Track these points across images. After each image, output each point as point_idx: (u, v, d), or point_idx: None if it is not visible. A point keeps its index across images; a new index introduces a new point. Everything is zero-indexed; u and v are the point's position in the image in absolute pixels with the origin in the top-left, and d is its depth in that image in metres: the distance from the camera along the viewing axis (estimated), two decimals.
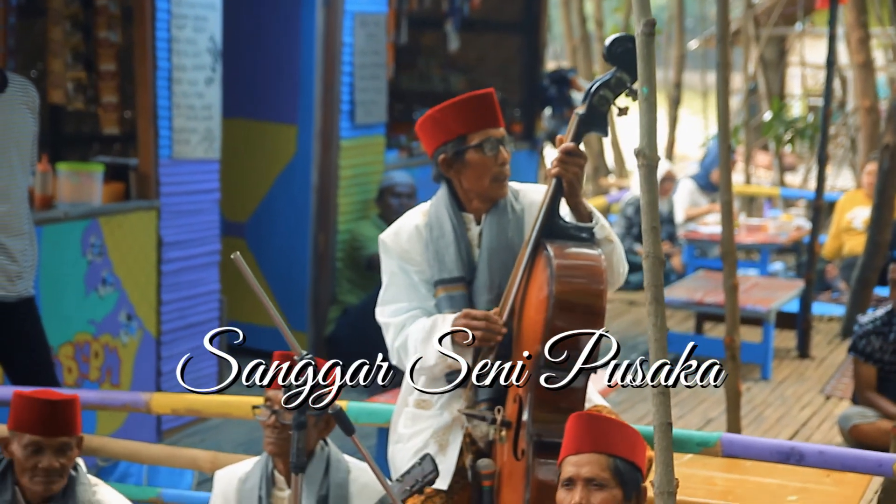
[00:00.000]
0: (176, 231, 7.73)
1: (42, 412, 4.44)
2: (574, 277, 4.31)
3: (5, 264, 5.75)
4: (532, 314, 4.37)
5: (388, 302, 4.65)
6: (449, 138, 4.56)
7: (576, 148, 4.44)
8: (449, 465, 4.56)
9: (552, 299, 4.27)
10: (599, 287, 4.33)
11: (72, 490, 4.50)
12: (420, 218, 4.67)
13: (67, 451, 4.47)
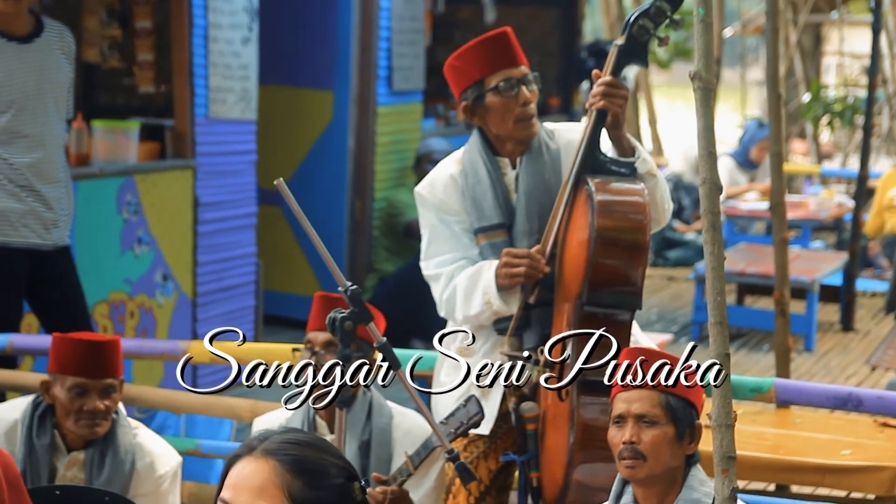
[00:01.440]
0: (212, 192, 7.63)
1: (87, 354, 4.36)
2: (616, 211, 4.20)
3: (41, 212, 5.66)
4: (574, 251, 4.26)
5: (433, 255, 4.54)
6: (469, 83, 4.45)
7: (617, 80, 4.31)
8: (492, 411, 4.46)
9: (594, 235, 4.16)
10: (642, 221, 4.21)
11: (112, 433, 4.42)
12: (454, 166, 4.56)
13: (112, 392, 4.39)
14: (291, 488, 2.40)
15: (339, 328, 3.84)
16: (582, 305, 4.19)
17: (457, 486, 4.45)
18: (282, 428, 2.53)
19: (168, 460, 4.49)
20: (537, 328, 4.38)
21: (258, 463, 2.42)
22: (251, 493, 2.39)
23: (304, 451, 2.45)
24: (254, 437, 2.48)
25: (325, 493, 2.43)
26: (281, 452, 2.43)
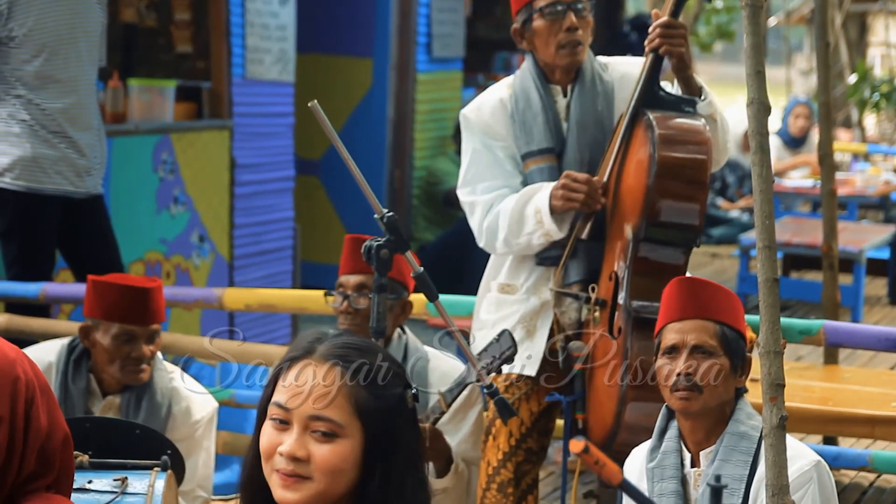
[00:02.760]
0: (249, 153, 7.55)
1: (133, 300, 4.27)
2: (677, 143, 4.08)
3: (74, 158, 5.58)
4: (631, 185, 4.13)
5: (472, 181, 4.41)
6: (521, 5, 4.34)
7: (673, 20, 4.17)
8: (537, 352, 4.33)
9: (654, 166, 4.03)
10: (703, 157, 4.09)
11: (150, 377, 4.33)
12: (504, 91, 4.43)
13: (156, 338, 4.30)
14: (357, 396, 2.28)
15: (375, 256, 3.73)
16: (638, 241, 4.08)
17: (497, 426, 4.34)
18: (338, 331, 2.38)
19: (205, 406, 4.40)
20: (584, 262, 4.25)
21: (322, 368, 2.28)
22: (315, 400, 2.25)
23: (368, 358, 2.32)
24: (309, 339, 2.33)
25: (388, 401, 2.31)
26: (345, 358, 2.29)
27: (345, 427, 2.26)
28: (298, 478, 2.25)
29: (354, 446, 2.27)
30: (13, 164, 5.51)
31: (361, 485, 2.28)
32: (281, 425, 2.27)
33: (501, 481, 4.30)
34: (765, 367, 3.31)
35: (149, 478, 3.61)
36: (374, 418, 2.28)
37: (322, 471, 2.25)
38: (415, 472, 2.33)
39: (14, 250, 5.56)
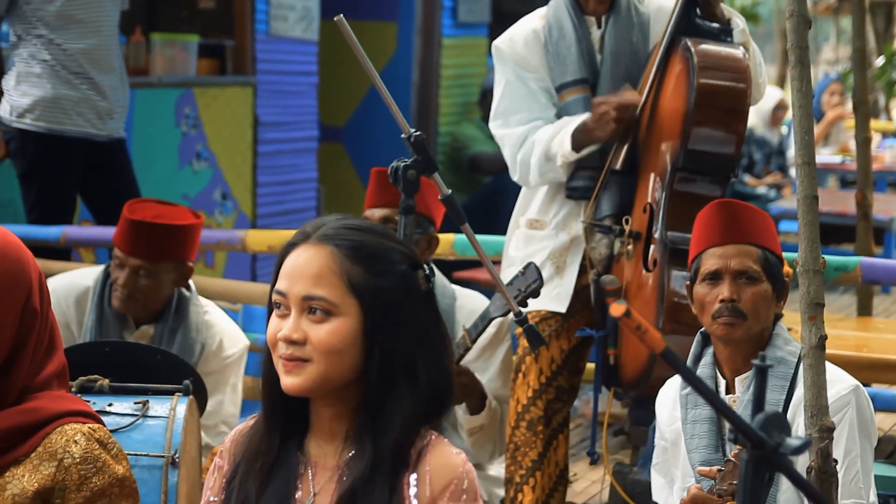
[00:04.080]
0: (273, 111, 7.47)
1: (124, 227, 4.23)
2: (717, 70, 4.01)
3: (95, 101, 5.51)
4: (668, 111, 4.06)
5: (505, 113, 4.34)
6: None
7: None
8: (567, 288, 4.25)
9: (693, 93, 3.96)
10: (742, 85, 4.02)
11: (184, 309, 4.28)
12: (537, 21, 4.35)
13: (150, 276, 4.18)
14: (351, 274, 2.22)
15: (402, 177, 3.63)
16: (675, 170, 4.00)
17: (527, 364, 4.25)
18: (338, 215, 2.32)
19: (236, 341, 4.36)
20: (616, 196, 4.17)
21: (315, 249, 2.23)
22: (308, 281, 2.21)
23: (364, 236, 2.26)
24: (308, 224, 2.30)
25: (387, 279, 2.24)
26: (339, 238, 2.24)
27: (339, 305, 2.21)
28: (298, 361, 2.21)
29: (351, 325, 2.22)
30: (34, 105, 5.45)
31: (365, 366, 2.23)
32: (281, 311, 2.24)
33: (531, 419, 4.21)
34: (804, 285, 3.22)
35: (170, 402, 3.53)
36: (371, 296, 2.23)
37: (319, 351, 2.20)
38: (429, 356, 2.26)
39: (34, 193, 5.50)
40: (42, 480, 2.37)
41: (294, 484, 2.26)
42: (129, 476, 2.46)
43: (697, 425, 3.46)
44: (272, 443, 2.29)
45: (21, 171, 5.54)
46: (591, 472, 5.23)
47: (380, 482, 2.20)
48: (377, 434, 2.22)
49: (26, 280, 2.41)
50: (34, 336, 2.42)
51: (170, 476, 3.44)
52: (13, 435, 2.38)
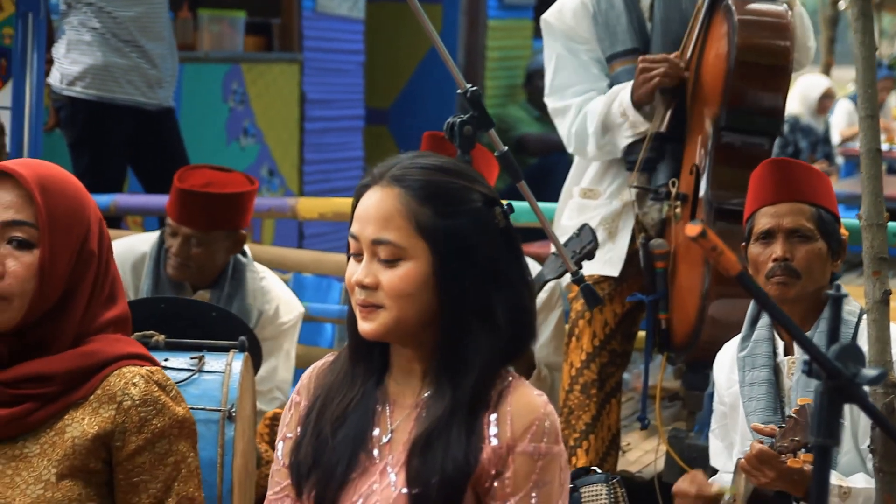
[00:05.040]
0: (319, 89, 7.48)
1: (176, 197, 4.23)
2: (758, 29, 3.98)
3: (145, 69, 5.52)
4: (711, 70, 4.03)
5: (559, 87, 4.32)
6: None
7: None
8: (620, 253, 4.23)
9: (734, 50, 3.94)
10: (785, 43, 3.98)
11: (240, 275, 4.29)
12: None
13: (202, 245, 4.18)
14: (419, 216, 2.18)
15: (458, 133, 3.61)
16: (719, 130, 3.98)
17: (580, 327, 4.22)
18: (412, 153, 2.28)
19: (292, 308, 4.37)
20: (669, 163, 4.15)
21: (384, 192, 2.19)
22: (376, 225, 2.18)
23: (434, 176, 2.21)
24: (381, 164, 2.26)
25: (458, 219, 2.19)
26: (407, 178, 2.20)
27: (407, 248, 2.17)
28: (372, 307, 2.19)
29: (421, 268, 2.18)
30: (84, 73, 5.47)
31: (438, 310, 2.19)
32: (356, 257, 2.21)
33: (585, 382, 4.19)
34: (867, 240, 3.17)
35: (226, 357, 3.51)
36: (440, 238, 2.18)
37: (391, 296, 2.17)
38: (506, 296, 2.22)
39: (85, 161, 5.51)
40: (102, 423, 2.36)
41: (371, 420, 2.24)
42: (188, 417, 2.44)
43: (755, 387, 3.42)
44: (354, 380, 2.27)
45: (71, 140, 5.55)
46: (645, 441, 5.19)
47: (457, 423, 2.17)
48: (454, 376, 2.19)
49: (85, 220, 2.39)
50: (90, 278, 2.40)
51: (226, 430, 3.42)
52: (72, 378, 2.37)
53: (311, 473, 2.23)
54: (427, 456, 2.16)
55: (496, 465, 2.16)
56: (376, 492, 2.18)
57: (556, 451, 2.18)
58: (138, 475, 2.38)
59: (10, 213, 2.33)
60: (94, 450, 2.36)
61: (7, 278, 2.32)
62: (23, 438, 2.37)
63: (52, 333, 2.37)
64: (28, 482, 2.34)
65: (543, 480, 2.16)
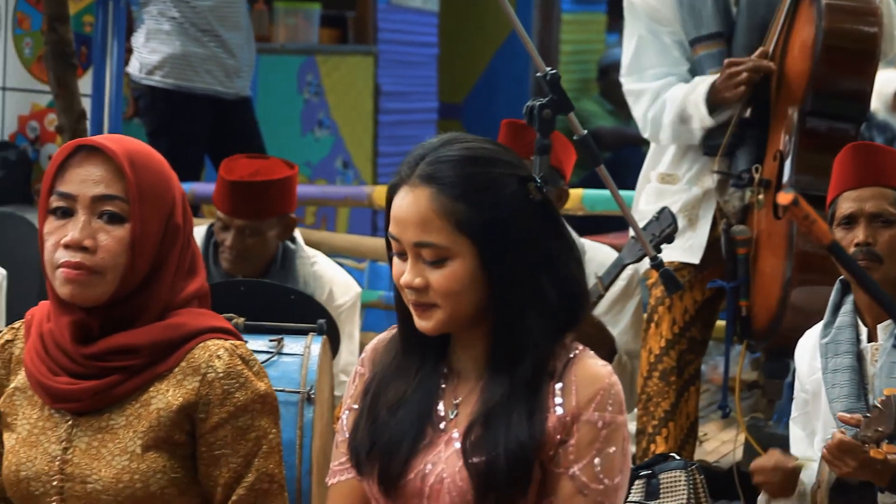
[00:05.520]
0: (394, 81, 7.50)
1: (226, 190, 4.17)
2: (846, 15, 3.94)
3: (223, 58, 5.56)
4: (797, 55, 3.99)
5: (638, 69, 4.27)
6: None
7: None
8: (700, 240, 4.19)
9: (821, 38, 3.89)
10: (873, 30, 3.94)
11: (290, 262, 4.25)
12: None
13: (255, 234, 4.16)
14: (456, 214, 2.14)
15: (538, 116, 3.58)
16: (804, 115, 3.94)
17: (660, 314, 4.19)
18: (436, 141, 2.23)
19: (347, 290, 4.30)
20: (750, 149, 4.10)
21: (416, 193, 2.15)
22: (415, 228, 2.15)
23: (464, 169, 2.16)
24: (406, 161, 2.21)
25: (496, 209, 2.16)
26: (438, 176, 2.15)
27: (450, 248, 2.15)
28: (425, 306, 2.17)
29: (468, 264, 2.15)
30: (163, 62, 5.51)
31: (491, 298, 2.18)
32: (400, 256, 2.19)
33: (664, 369, 4.16)
34: None
35: (304, 340, 3.52)
36: (481, 232, 2.15)
37: (441, 296, 2.15)
38: (554, 270, 2.19)
39: (163, 149, 5.35)
40: (186, 395, 2.36)
41: (436, 397, 2.24)
42: (270, 393, 2.45)
43: (839, 374, 3.39)
44: (409, 369, 2.26)
45: (150, 129, 5.60)
46: (723, 432, 5.16)
47: (518, 399, 2.17)
48: (512, 356, 2.18)
49: (171, 194, 2.41)
50: (176, 252, 2.41)
51: (305, 412, 3.43)
52: (157, 350, 2.37)
53: (370, 455, 2.24)
54: (490, 429, 2.16)
55: (561, 434, 2.16)
56: (442, 461, 2.19)
57: (619, 420, 2.18)
58: (220, 448, 2.38)
59: (101, 188, 2.34)
60: (179, 421, 2.37)
61: (99, 252, 2.33)
62: (109, 410, 2.38)
63: (140, 307, 2.39)
64: (114, 453, 2.35)
65: (607, 448, 2.16)
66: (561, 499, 2.15)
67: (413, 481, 2.20)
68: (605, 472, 2.15)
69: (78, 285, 2.32)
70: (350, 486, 2.32)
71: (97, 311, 2.36)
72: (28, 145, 5.37)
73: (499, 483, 2.14)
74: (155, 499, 2.34)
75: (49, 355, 2.39)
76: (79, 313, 2.36)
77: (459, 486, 2.16)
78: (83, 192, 2.34)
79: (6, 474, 2.41)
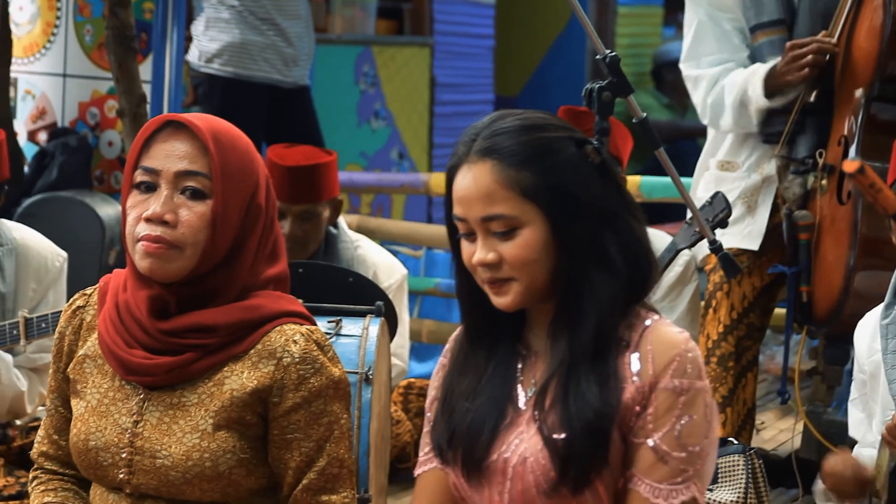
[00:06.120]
0: (449, 73, 7.49)
1: (282, 177, 4.18)
2: None
3: (281, 46, 5.57)
4: (863, 41, 3.96)
5: (697, 55, 4.25)
6: None
7: None
8: (759, 227, 4.17)
9: (889, 24, 3.86)
10: None
11: (333, 247, 4.28)
12: None
13: (311, 218, 4.18)
14: (520, 182, 2.14)
15: (597, 99, 3.57)
16: (870, 100, 3.90)
17: (718, 299, 4.17)
18: (488, 119, 2.23)
19: (392, 272, 4.33)
20: (811, 136, 4.07)
21: (476, 168, 2.15)
22: (481, 202, 2.15)
23: (521, 137, 2.17)
24: (462, 140, 2.21)
25: (557, 172, 2.16)
26: (496, 148, 2.15)
27: (520, 217, 2.15)
28: (501, 282, 2.17)
29: (538, 231, 2.15)
30: (222, 50, 5.53)
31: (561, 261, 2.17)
32: (468, 238, 2.19)
33: (721, 355, 4.14)
34: None
35: (363, 322, 3.52)
36: (547, 196, 2.15)
37: (516, 267, 2.15)
38: (618, 233, 2.18)
39: None
40: (261, 378, 2.37)
41: (514, 378, 2.24)
42: (344, 379, 2.45)
43: None
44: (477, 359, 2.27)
45: None
46: (780, 421, 5.14)
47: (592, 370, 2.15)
48: (573, 323, 2.17)
49: (254, 174, 2.42)
50: (257, 233, 2.42)
51: (363, 392, 3.42)
52: (234, 331, 2.38)
53: (452, 443, 2.23)
54: (563, 403, 2.15)
55: (639, 403, 2.14)
56: (524, 440, 2.18)
57: (699, 385, 2.15)
58: (292, 432, 2.39)
59: (185, 164, 2.35)
60: (251, 404, 2.38)
61: (180, 227, 2.35)
62: (181, 387, 2.39)
63: (218, 286, 2.40)
64: (185, 430, 2.36)
65: (687, 415, 2.13)
66: (641, 468, 2.13)
67: (495, 463, 2.20)
68: (686, 439, 2.12)
69: (157, 259, 2.34)
70: (435, 475, 2.32)
71: (175, 288, 2.38)
72: (88, 131, 5.42)
73: (578, 457, 2.13)
74: (223, 478, 2.36)
75: (125, 327, 2.40)
76: (157, 288, 2.37)
77: (542, 465, 2.15)
78: (167, 167, 2.35)
79: (74, 442, 2.43)
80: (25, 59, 5.54)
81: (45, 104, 5.47)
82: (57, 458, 2.54)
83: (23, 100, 5.54)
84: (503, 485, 2.19)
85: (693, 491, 2.13)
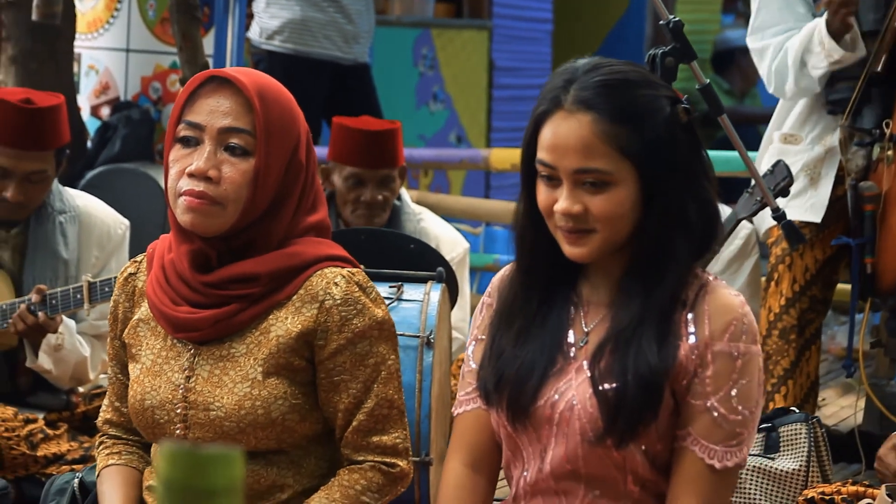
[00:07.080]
0: (508, 56, 7.48)
1: (363, 143, 4.21)
2: None
3: (342, 23, 5.57)
4: None
5: (762, 27, 4.25)
6: None
7: None
8: (822, 198, 4.14)
9: None
10: None
11: (397, 219, 4.29)
12: None
13: (390, 183, 4.21)
14: (619, 138, 2.11)
15: (660, 65, 3.56)
16: None
17: (780, 272, 4.14)
18: (586, 64, 2.19)
19: (454, 245, 4.33)
20: (875, 107, 4.03)
21: (574, 119, 2.12)
22: (577, 154, 2.11)
23: (623, 94, 2.14)
24: (555, 83, 2.17)
25: (654, 131, 2.13)
26: (596, 101, 2.12)
27: (614, 173, 2.12)
28: (581, 232, 2.15)
29: (630, 189, 2.14)
30: (282, 27, 5.54)
31: (642, 222, 2.16)
32: (551, 182, 2.15)
33: (784, 327, 4.11)
34: None
35: (424, 287, 3.52)
36: (643, 155, 2.12)
37: (602, 221, 2.13)
38: (698, 194, 2.17)
39: None
40: (304, 322, 2.37)
41: (566, 324, 2.23)
42: (387, 319, 2.44)
43: None
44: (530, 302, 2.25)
45: None
46: (842, 398, 5.09)
47: (651, 324, 2.15)
48: (650, 281, 2.16)
49: (296, 131, 2.41)
50: (298, 188, 2.42)
51: (425, 356, 3.44)
52: (276, 277, 2.39)
53: (499, 386, 2.22)
54: (620, 355, 2.14)
55: (694, 364, 2.14)
56: (573, 387, 2.18)
57: (754, 350, 2.16)
58: (339, 374, 2.39)
59: (229, 120, 2.35)
60: (298, 348, 2.38)
61: (223, 184, 2.34)
62: (229, 339, 2.40)
63: (258, 238, 2.40)
64: (235, 381, 2.37)
65: (743, 379, 2.14)
66: (699, 431, 2.14)
67: (543, 408, 2.19)
68: (741, 403, 2.14)
69: (199, 214, 2.33)
70: (476, 415, 2.31)
71: (216, 241, 2.38)
72: (150, 105, 5.45)
73: (628, 409, 2.12)
74: (276, 425, 2.36)
75: (170, 285, 2.41)
76: (198, 242, 2.38)
77: (590, 413, 2.15)
78: (211, 122, 2.35)
79: (132, 403, 2.45)
80: (89, 34, 5.58)
81: (108, 79, 5.50)
82: (120, 424, 2.56)
83: (86, 75, 5.58)
84: (549, 430, 2.19)
85: (745, 453, 2.16)
